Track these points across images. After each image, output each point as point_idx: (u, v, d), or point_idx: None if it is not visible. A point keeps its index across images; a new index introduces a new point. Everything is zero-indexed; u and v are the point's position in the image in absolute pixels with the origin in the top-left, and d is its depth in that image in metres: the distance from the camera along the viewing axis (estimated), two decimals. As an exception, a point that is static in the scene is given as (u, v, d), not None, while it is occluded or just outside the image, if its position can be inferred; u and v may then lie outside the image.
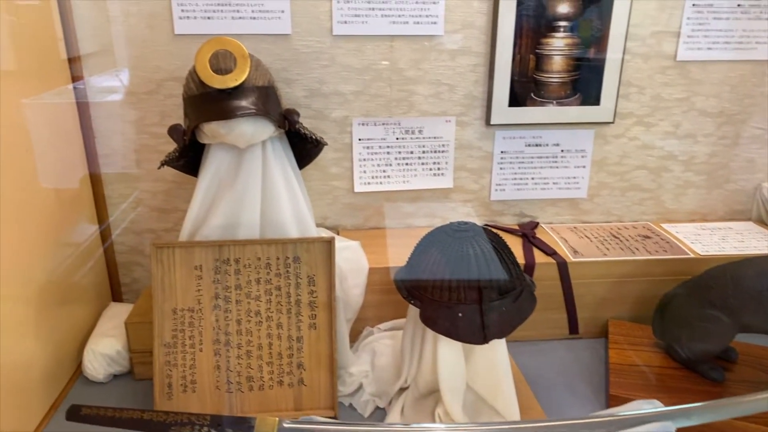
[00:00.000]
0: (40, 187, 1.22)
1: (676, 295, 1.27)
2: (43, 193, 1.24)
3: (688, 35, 1.46)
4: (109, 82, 1.39)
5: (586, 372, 1.34)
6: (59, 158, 1.32)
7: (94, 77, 1.37)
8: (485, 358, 1.13)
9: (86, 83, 1.36)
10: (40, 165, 1.22)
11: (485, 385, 1.14)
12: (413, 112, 1.48)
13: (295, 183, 1.22)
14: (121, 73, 1.38)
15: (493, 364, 1.13)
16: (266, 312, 1.19)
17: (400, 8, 1.38)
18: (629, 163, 1.58)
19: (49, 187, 1.26)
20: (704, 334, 1.19)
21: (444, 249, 1.09)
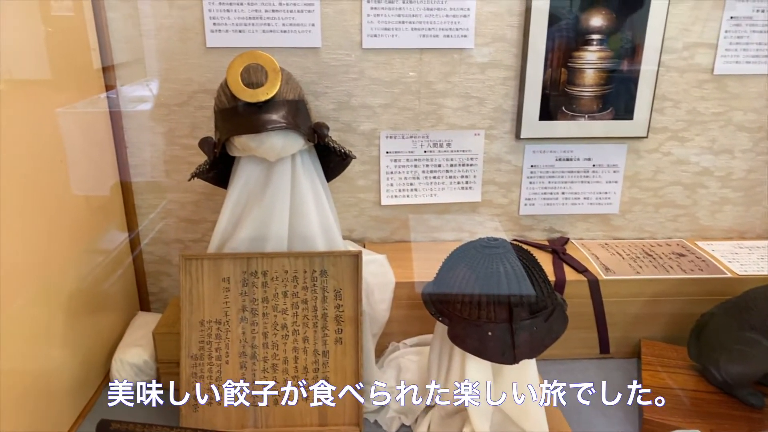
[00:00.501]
0: (72, 195, 1.24)
1: (713, 316, 1.23)
2: (76, 201, 1.26)
3: (726, 48, 1.42)
4: (142, 93, 1.41)
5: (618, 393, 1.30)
6: (92, 167, 1.34)
7: (127, 88, 1.39)
8: (513, 377, 1.10)
9: (119, 94, 1.39)
10: (73, 174, 1.24)
11: (514, 405, 1.11)
12: (442, 125, 1.47)
13: (323, 196, 1.22)
14: (153, 84, 1.40)
15: (522, 385, 1.10)
16: (292, 325, 1.18)
17: (431, 21, 1.37)
18: (663, 178, 1.54)
19: (82, 195, 1.28)
20: (743, 357, 1.15)
21: (473, 265, 1.08)
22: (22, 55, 1.07)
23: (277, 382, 1.17)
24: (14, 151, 1.02)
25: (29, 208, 1.08)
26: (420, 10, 1.36)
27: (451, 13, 1.37)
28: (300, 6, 1.34)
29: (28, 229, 1.08)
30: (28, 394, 1.08)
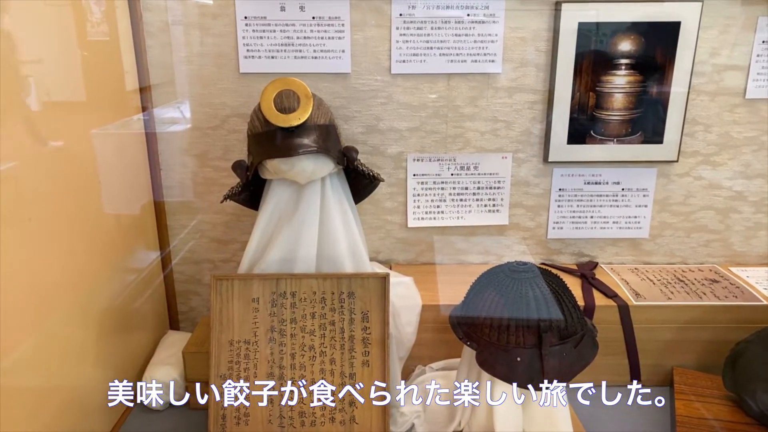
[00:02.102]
0: (106, 215, 1.28)
1: (749, 344, 1.20)
2: (110, 221, 1.29)
3: (758, 72, 1.41)
4: (176, 116, 1.45)
5: (649, 422, 1.27)
6: (126, 188, 1.38)
7: (162, 111, 1.43)
8: (544, 405, 1.09)
9: (154, 117, 1.43)
10: (108, 194, 1.28)
11: (543, 428, 1.09)
12: (469, 148, 1.48)
13: (351, 218, 1.23)
14: (188, 107, 1.44)
15: (551, 412, 1.09)
16: (320, 347, 1.19)
17: (458, 47, 1.39)
18: (694, 203, 1.52)
19: (115, 215, 1.32)
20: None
21: (502, 289, 1.07)
22: (60, 78, 1.11)
23: (303, 404, 1.17)
24: (51, 171, 1.06)
25: (65, 227, 1.11)
26: (448, 36, 1.38)
27: (479, 39, 1.39)
28: (330, 33, 1.38)
29: (64, 247, 1.11)
30: (62, 411, 1.10)
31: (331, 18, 1.37)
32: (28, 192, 1.00)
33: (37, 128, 1.03)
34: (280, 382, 1.18)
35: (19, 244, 0.97)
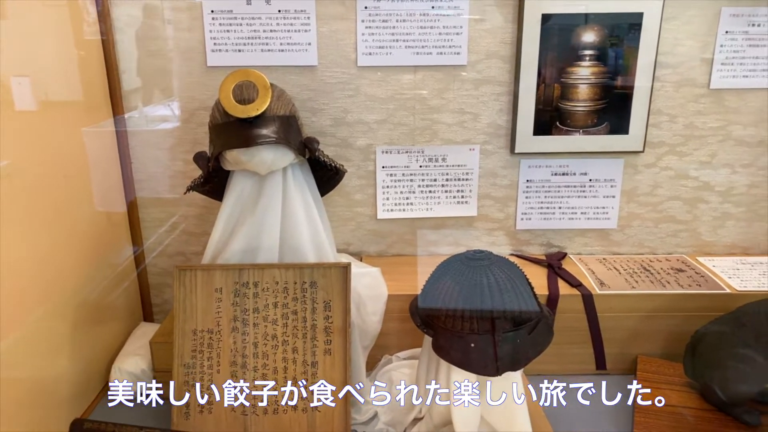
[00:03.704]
0: (78, 209, 1.30)
1: (707, 332, 1.21)
2: (82, 216, 1.31)
3: (722, 63, 1.42)
4: (146, 111, 1.47)
5: (612, 410, 1.28)
6: (98, 183, 1.39)
7: (132, 106, 1.45)
8: (500, 389, 1.10)
9: (124, 111, 1.44)
10: (80, 189, 1.30)
11: (500, 419, 1.11)
12: (437, 140, 1.49)
13: (314, 209, 1.25)
14: (157, 102, 1.46)
15: (509, 401, 1.10)
16: (282, 336, 1.20)
17: (424, 39, 1.40)
18: (662, 193, 1.53)
19: (88, 210, 1.34)
20: (737, 375, 1.13)
21: (457, 277, 1.08)
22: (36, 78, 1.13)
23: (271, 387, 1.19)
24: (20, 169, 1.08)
25: (36, 223, 1.13)
26: (413, 29, 1.39)
27: (444, 31, 1.40)
28: (297, 26, 1.39)
29: (36, 243, 1.13)
30: (28, 400, 1.11)
31: (296, 11, 1.38)
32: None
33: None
34: (242, 371, 1.19)
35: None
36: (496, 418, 1.11)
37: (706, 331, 1.21)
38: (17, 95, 1.08)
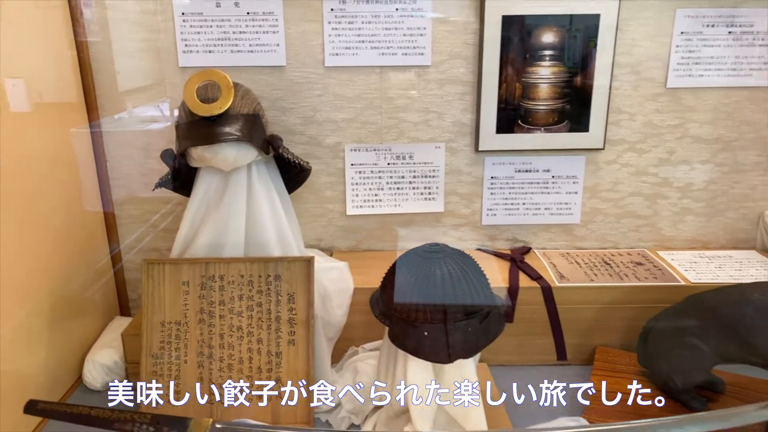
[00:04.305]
0: (55, 208, 1.34)
1: (658, 322, 1.26)
2: (58, 214, 1.35)
3: (678, 63, 1.47)
4: (120, 110, 1.51)
5: (567, 399, 1.32)
6: (74, 182, 1.44)
7: (107, 105, 1.48)
8: (454, 376, 1.14)
9: (99, 111, 1.48)
10: (56, 189, 1.34)
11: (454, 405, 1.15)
12: (403, 138, 1.53)
13: (279, 205, 1.29)
14: (131, 101, 1.50)
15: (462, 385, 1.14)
16: (247, 327, 1.24)
17: (389, 40, 1.45)
18: (623, 189, 1.58)
19: (65, 208, 1.38)
20: (684, 362, 1.17)
21: (413, 270, 1.13)
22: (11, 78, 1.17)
23: (232, 380, 1.23)
24: None
25: (14, 222, 1.17)
26: (378, 30, 1.44)
27: (408, 33, 1.44)
28: (265, 27, 1.43)
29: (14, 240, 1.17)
30: (4, 391, 1.15)
31: (265, 13, 1.42)
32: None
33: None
34: (209, 361, 1.23)
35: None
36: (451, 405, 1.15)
37: (657, 322, 1.25)
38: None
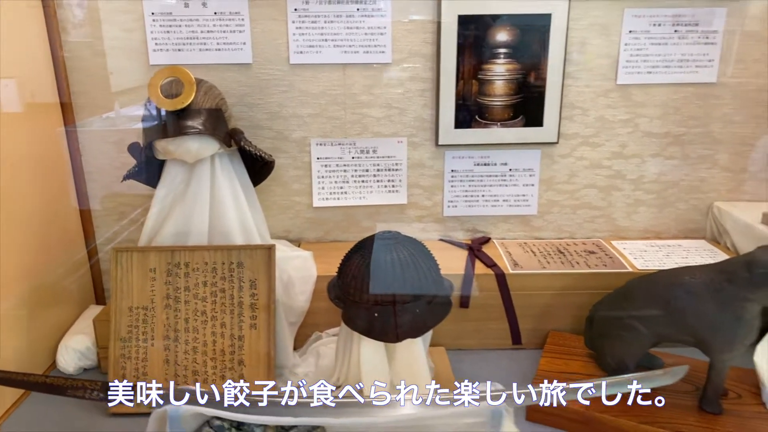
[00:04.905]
0: (30, 202, 1.39)
1: (601, 306, 1.32)
2: (34, 208, 1.41)
3: (627, 60, 1.54)
4: (93, 106, 1.56)
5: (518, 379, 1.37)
6: (49, 176, 1.49)
7: (80, 101, 1.54)
8: (404, 358, 1.21)
9: (73, 107, 1.54)
10: (32, 183, 1.40)
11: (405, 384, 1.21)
12: (367, 133, 1.60)
13: (242, 196, 1.35)
14: (104, 98, 1.55)
15: (410, 364, 1.21)
16: (211, 312, 1.31)
17: (351, 39, 1.51)
18: (578, 181, 1.65)
19: (39, 199, 1.44)
20: (623, 343, 1.24)
21: (365, 255, 1.19)
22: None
23: (197, 363, 1.29)
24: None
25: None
26: (341, 29, 1.50)
27: (369, 32, 1.51)
28: (232, 27, 1.49)
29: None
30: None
31: (231, 13, 1.49)
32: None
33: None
34: (175, 344, 1.30)
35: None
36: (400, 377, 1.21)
37: (601, 306, 1.32)
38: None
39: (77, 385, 0.83)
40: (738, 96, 1.57)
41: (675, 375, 0.90)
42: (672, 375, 0.90)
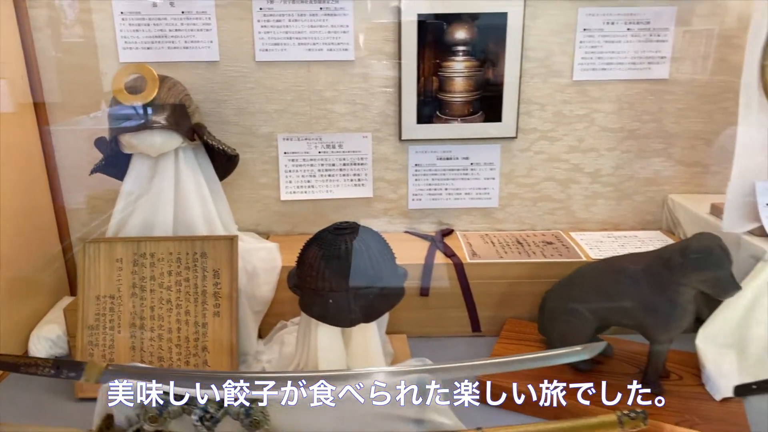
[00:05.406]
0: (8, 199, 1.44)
1: (552, 292, 1.38)
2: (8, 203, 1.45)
3: (582, 57, 1.59)
4: (66, 103, 1.61)
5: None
6: (23, 173, 1.54)
7: (53, 98, 1.58)
8: (360, 343, 1.26)
9: (46, 103, 1.58)
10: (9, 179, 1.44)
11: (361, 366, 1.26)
12: (332, 128, 1.65)
13: (205, 189, 1.40)
14: (77, 95, 1.60)
15: (365, 349, 1.26)
16: (176, 300, 1.35)
17: (315, 37, 1.56)
18: (537, 175, 1.70)
19: (11, 193, 1.48)
20: (569, 327, 1.29)
21: (322, 244, 1.24)
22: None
23: (162, 350, 1.34)
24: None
25: None
26: (304, 28, 1.55)
27: (332, 30, 1.56)
28: (199, 26, 1.54)
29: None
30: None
31: (198, 12, 1.53)
32: None
33: None
34: (140, 332, 1.34)
35: None
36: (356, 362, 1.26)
37: (551, 293, 1.38)
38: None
39: (30, 363, 0.88)
40: (690, 92, 1.63)
41: (592, 350, 0.96)
42: (589, 350, 0.96)
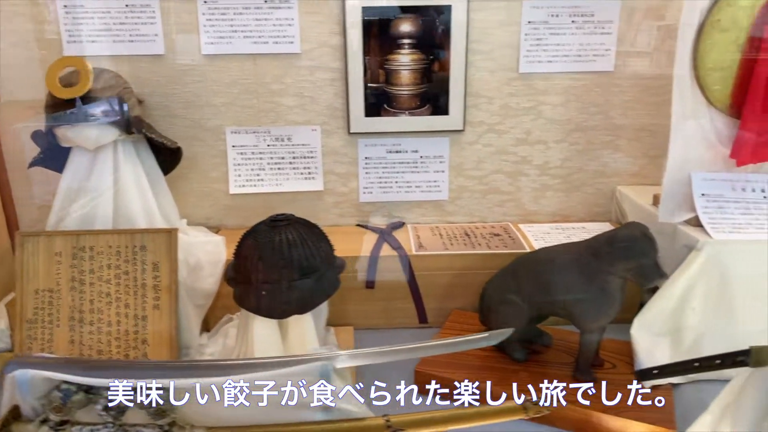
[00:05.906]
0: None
1: (491, 283, 1.39)
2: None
3: (527, 50, 1.60)
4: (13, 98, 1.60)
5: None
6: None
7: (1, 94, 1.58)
8: (296, 335, 1.27)
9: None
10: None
11: (297, 357, 1.27)
12: (281, 121, 1.65)
13: (145, 182, 1.40)
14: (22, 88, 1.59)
15: (302, 341, 1.27)
16: (116, 293, 1.35)
17: (260, 30, 1.56)
18: (486, 167, 1.71)
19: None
20: (505, 316, 1.31)
21: (257, 237, 1.25)
22: None
23: (101, 343, 1.34)
24: None
25: None
26: (249, 21, 1.55)
27: (278, 23, 1.56)
28: (144, 19, 1.54)
29: None
30: None
31: (142, 6, 1.53)
32: None
33: None
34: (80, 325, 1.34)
35: None
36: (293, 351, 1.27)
37: (491, 283, 1.39)
38: None
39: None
40: (635, 84, 1.64)
41: (497, 337, 0.97)
42: (494, 337, 0.97)
